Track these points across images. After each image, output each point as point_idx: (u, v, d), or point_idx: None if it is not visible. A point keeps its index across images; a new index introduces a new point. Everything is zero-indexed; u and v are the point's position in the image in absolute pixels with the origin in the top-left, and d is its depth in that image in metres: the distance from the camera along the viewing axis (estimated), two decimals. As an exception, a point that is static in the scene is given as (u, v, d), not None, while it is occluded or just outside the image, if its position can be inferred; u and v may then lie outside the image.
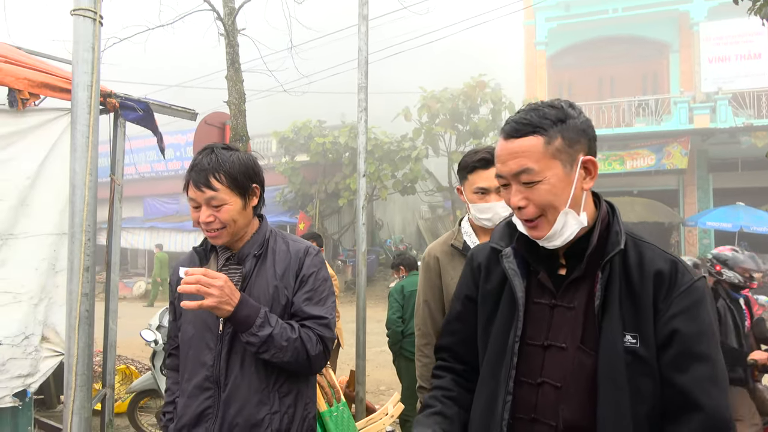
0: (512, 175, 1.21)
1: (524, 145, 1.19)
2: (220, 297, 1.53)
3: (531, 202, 1.20)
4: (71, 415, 2.13)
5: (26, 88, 3.03)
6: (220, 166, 1.66)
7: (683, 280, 1.18)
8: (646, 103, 16.65)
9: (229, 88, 6.04)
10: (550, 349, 1.24)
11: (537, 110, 1.21)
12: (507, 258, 1.31)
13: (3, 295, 2.95)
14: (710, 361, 1.14)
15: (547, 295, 1.27)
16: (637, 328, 1.17)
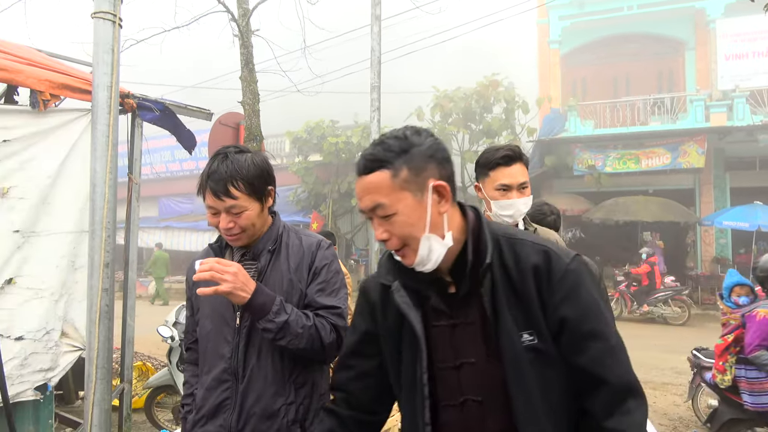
0: (369, 210, 1.22)
1: (373, 181, 1.20)
2: (234, 283, 1.57)
3: (392, 235, 1.22)
4: (92, 407, 2.19)
5: (47, 90, 3.10)
6: (238, 173, 1.66)
7: (558, 268, 1.22)
8: (662, 101, 16.47)
9: (244, 89, 6.11)
10: (462, 367, 1.26)
11: (382, 143, 1.22)
12: (398, 292, 1.30)
13: (25, 291, 3.03)
14: (601, 336, 1.21)
15: (444, 316, 1.28)
16: (531, 325, 1.21)
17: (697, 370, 5.69)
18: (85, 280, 3.20)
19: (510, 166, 2.15)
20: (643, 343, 10.06)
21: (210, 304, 1.78)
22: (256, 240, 1.77)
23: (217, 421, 1.71)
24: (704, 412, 5.67)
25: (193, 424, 1.76)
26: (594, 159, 16.04)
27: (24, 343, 2.98)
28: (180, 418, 1.92)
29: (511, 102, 16.82)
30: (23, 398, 2.98)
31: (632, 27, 17.46)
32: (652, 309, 12.61)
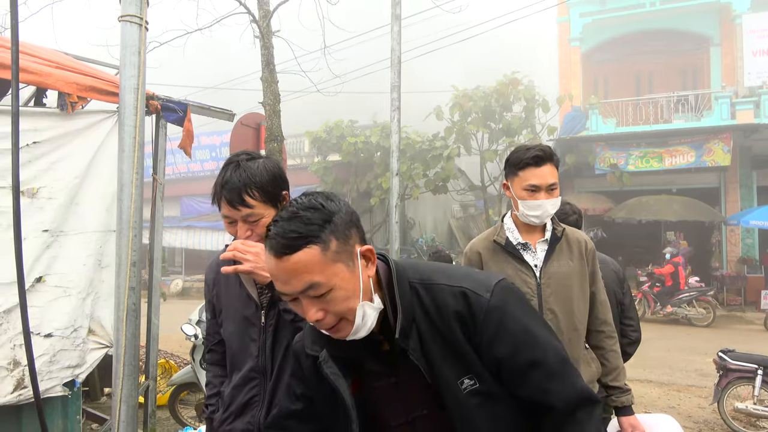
0: (299, 293, 1.11)
1: (302, 260, 1.08)
2: (255, 262, 1.59)
3: (328, 313, 1.13)
4: (119, 404, 2.23)
5: (75, 92, 3.17)
6: (251, 180, 1.65)
7: (478, 309, 1.17)
8: (686, 98, 16.18)
9: (264, 90, 6.16)
10: (415, 421, 1.24)
11: (297, 218, 1.11)
12: (326, 363, 1.24)
13: (54, 289, 3.10)
14: (538, 363, 1.18)
15: (384, 375, 1.25)
16: (469, 369, 1.18)
17: (723, 372, 5.60)
18: (111, 279, 3.28)
19: (540, 166, 2.14)
20: (667, 345, 9.92)
21: (233, 306, 1.80)
22: None
23: (245, 418, 1.73)
24: (730, 414, 5.57)
25: (221, 421, 1.79)
26: (616, 157, 15.82)
27: (53, 340, 3.05)
28: (204, 418, 1.95)
29: (531, 100, 16.67)
30: (52, 394, 3.05)
31: (655, 23, 17.18)
32: (675, 310, 12.41)
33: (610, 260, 3.05)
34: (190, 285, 20.21)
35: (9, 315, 2.91)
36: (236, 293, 1.79)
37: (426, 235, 21.16)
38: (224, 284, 1.84)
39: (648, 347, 8.63)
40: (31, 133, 3.08)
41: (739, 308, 14.17)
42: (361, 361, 1.25)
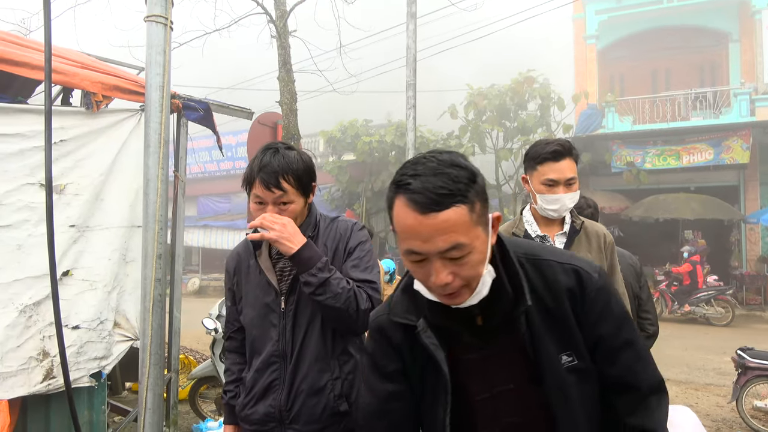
0: (438, 252, 1.06)
1: (450, 219, 1.04)
2: (281, 232, 1.66)
3: (457, 276, 1.09)
4: (146, 392, 2.30)
5: (100, 91, 3.26)
6: (289, 167, 1.73)
7: (590, 288, 1.21)
8: (704, 95, 15.99)
9: (281, 89, 6.24)
10: (499, 395, 1.24)
11: (444, 174, 1.06)
12: (424, 333, 1.20)
13: (80, 282, 3.19)
14: (631, 344, 1.23)
15: (475, 349, 1.23)
16: (569, 346, 1.20)
17: (742, 370, 5.55)
18: (136, 273, 3.37)
19: (558, 161, 2.17)
20: (685, 344, 9.83)
21: (253, 293, 1.86)
22: None
23: (267, 401, 1.79)
24: (749, 413, 5.52)
25: (243, 405, 1.85)
26: (633, 155, 15.68)
27: (80, 332, 3.14)
28: (223, 404, 2.01)
29: (547, 98, 16.58)
30: (79, 384, 3.14)
31: (672, 20, 16.99)
32: (693, 309, 12.28)
33: (627, 254, 3.06)
34: (207, 283, 20.43)
35: (38, 307, 3.01)
36: (256, 281, 1.84)
37: (441, 234, 21.11)
38: (245, 272, 1.90)
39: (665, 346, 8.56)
40: (59, 131, 3.17)
41: (758, 308, 13.97)
42: (457, 332, 1.22)
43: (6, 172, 2.95)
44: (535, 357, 1.19)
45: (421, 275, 1.12)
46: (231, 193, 22.48)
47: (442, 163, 1.08)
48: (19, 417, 3.00)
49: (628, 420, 1.21)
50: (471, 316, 1.21)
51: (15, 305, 2.94)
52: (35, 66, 2.95)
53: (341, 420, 1.78)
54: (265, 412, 1.79)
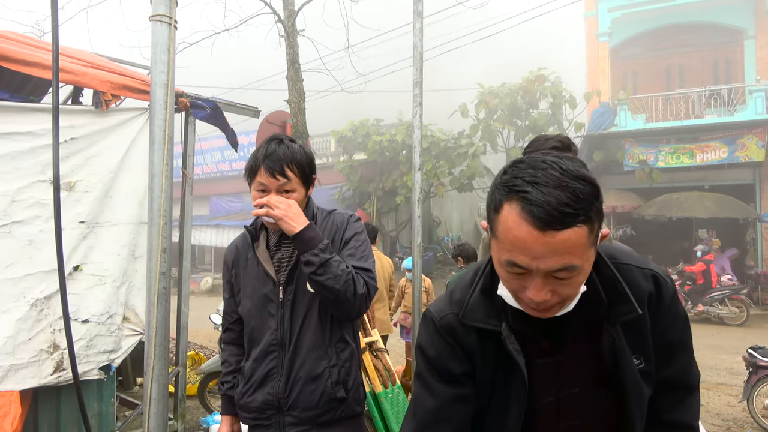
0: (547, 271, 0.99)
1: (570, 239, 0.95)
2: (285, 212, 1.72)
3: (556, 294, 1.03)
4: (151, 382, 2.35)
5: (109, 90, 3.33)
6: (293, 157, 1.81)
7: (667, 294, 1.19)
8: (718, 92, 15.81)
9: (290, 88, 6.30)
10: (562, 399, 1.22)
11: (569, 188, 0.96)
12: (509, 339, 1.16)
13: (90, 277, 3.26)
14: (687, 347, 1.25)
15: (548, 354, 1.20)
16: (640, 349, 1.19)
17: (753, 369, 5.49)
18: (144, 269, 3.43)
19: None
20: (697, 343, 9.67)
21: (251, 284, 1.90)
22: None
23: (265, 389, 1.83)
24: (760, 413, 5.47)
25: (242, 394, 1.89)
26: (645, 154, 15.55)
27: (89, 325, 3.21)
28: (221, 395, 2.05)
29: (558, 97, 16.51)
30: (89, 377, 3.22)
31: (686, 16, 16.83)
32: (707, 309, 12.15)
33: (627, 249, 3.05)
34: (219, 282, 20.56)
35: (49, 301, 3.08)
36: (254, 272, 1.89)
37: (452, 233, 21.13)
38: (243, 265, 1.94)
39: (676, 345, 8.48)
40: (69, 129, 3.24)
41: (774, 307, 13.79)
42: (534, 338, 1.19)
43: (18, 169, 3.02)
44: (614, 361, 1.16)
45: (516, 286, 1.06)
46: (243, 193, 22.64)
47: (567, 174, 0.97)
48: (30, 408, 3.08)
49: (668, 416, 1.24)
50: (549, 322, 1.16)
51: (26, 299, 3.01)
52: (46, 66, 3.02)
53: (338, 406, 1.82)
54: (264, 399, 1.83)
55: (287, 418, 1.81)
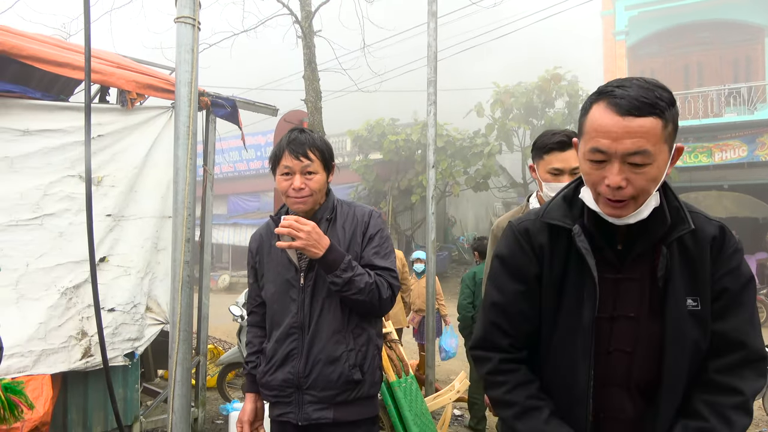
0: (624, 154, 1.16)
1: (645, 126, 1.14)
2: (307, 240, 1.80)
3: (631, 184, 1.18)
4: (175, 366, 2.48)
5: (134, 89, 3.48)
6: (314, 142, 1.95)
7: (730, 244, 1.29)
8: (738, 91, 15.60)
9: (306, 87, 6.42)
10: (618, 319, 1.30)
11: (651, 90, 1.17)
12: (578, 237, 1.29)
13: (116, 268, 3.41)
14: (750, 308, 1.29)
15: (610, 269, 1.30)
16: (697, 291, 1.27)
17: (769, 367, 5.48)
18: (167, 261, 3.57)
19: (564, 151, 2.26)
20: (714, 343, 9.66)
21: (274, 270, 2.01)
22: (314, 210, 1.99)
23: (286, 369, 1.94)
24: (775, 411, 5.45)
25: (264, 373, 2.00)
26: (663, 153, 15.40)
27: (115, 314, 3.36)
28: (245, 374, 2.16)
29: (575, 96, 16.45)
30: (114, 363, 3.36)
31: (704, 14, 16.64)
32: (725, 309, 12.02)
33: None
34: (237, 280, 20.84)
35: (77, 290, 3.23)
36: (278, 259, 2.00)
37: (467, 233, 21.13)
38: (266, 251, 2.05)
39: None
40: (97, 127, 3.39)
41: (794, 308, 13.57)
42: (601, 247, 1.31)
43: (49, 164, 3.18)
44: (664, 290, 1.27)
45: (596, 177, 1.22)
46: (260, 192, 22.89)
47: (649, 83, 1.19)
48: (60, 391, 3.23)
49: (717, 377, 1.26)
50: (614, 238, 1.31)
51: (57, 288, 3.17)
52: (76, 66, 3.17)
53: (354, 387, 1.92)
54: (284, 378, 1.94)
55: (306, 396, 1.91)
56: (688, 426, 1.25)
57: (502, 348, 1.39)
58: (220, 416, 4.94)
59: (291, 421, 1.94)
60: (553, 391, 1.35)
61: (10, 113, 3.06)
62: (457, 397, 4.11)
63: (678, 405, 1.28)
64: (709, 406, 1.25)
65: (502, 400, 1.37)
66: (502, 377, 1.38)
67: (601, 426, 1.31)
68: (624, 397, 1.30)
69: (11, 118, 3.07)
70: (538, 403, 1.33)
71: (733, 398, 1.24)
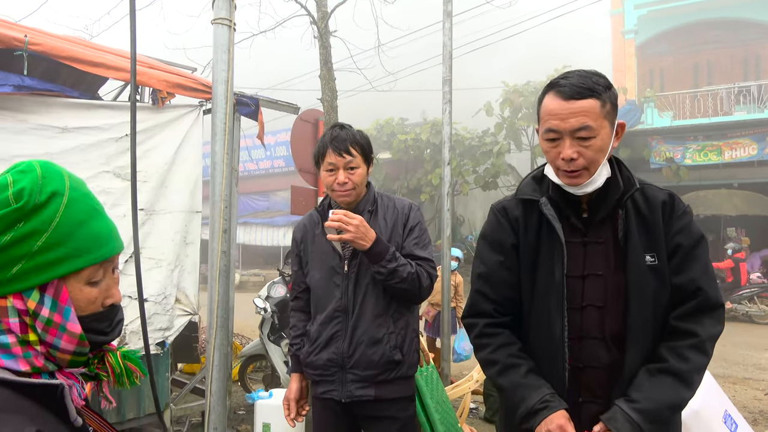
0: (571, 130, 1.40)
1: (585, 106, 1.39)
2: (356, 233, 1.92)
3: (581, 156, 1.41)
4: (213, 350, 2.60)
5: (165, 89, 3.60)
6: (355, 138, 2.08)
7: (679, 207, 1.51)
8: (748, 89, 15.61)
9: (322, 86, 6.54)
10: (588, 278, 1.49)
11: (587, 77, 1.42)
12: (545, 206, 1.52)
13: (147, 260, 3.54)
14: (703, 262, 1.48)
15: (578, 234, 1.51)
16: (654, 248, 1.47)
17: (781, 362, 5.55)
18: (195, 254, 3.71)
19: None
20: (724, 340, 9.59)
21: (319, 258, 2.13)
22: (356, 203, 2.11)
23: (330, 349, 2.06)
24: (787, 405, 5.52)
25: (308, 353, 2.12)
26: (672, 151, 15.44)
27: (147, 305, 3.48)
28: (290, 355, 2.28)
29: (583, 95, 16.45)
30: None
31: (713, 12, 16.64)
32: (735, 306, 12.04)
33: None
34: (247, 279, 20.99)
35: (113, 281, 3.36)
36: (323, 247, 2.12)
37: (476, 231, 21.19)
38: (311, 240, 2.18)
39: (703, 340, 8.49)
40: (128, 124, 3.52)
41: (805, 307, 13.56)
42: (567, 216, 1.52)
43: (86, 161, 3.31)
44: (625, 249, 1.46)
45: (554, 154, 1.45)
46: (269, 192, 23.07)
47: (588, 72, 1.45)
48: (96, 378, 3.35)
49: (675, 322, 1.44)
50: (579, 208, 1.53)
51: (94, 279, 3.29)
52: (111, 66, 3.31)
53: (395, 367, 2.05)
54: (329, 358, 2.06)
55: (349, 375, 2.04)
56: (650, 368, 1.43)
57: (487, 313, 1.60)
58: (242, 407, 5.07)
59: (334, 398, 2.06)
60: (536, 344, 1.54)
61: (50, 111, 3.20)
62: (475, 387, 4.21)
63: (645, 352, 1.45)
64: (669, 349, 1.43)
65: (487, 360, 1.58)
66: (486, 339, 1.59)
67: (579, 373, 1.49)
68: (599, 348, 1.48)
69: (51, 116, 3.21)
70: (518, 361, 1.52)
71: (689, 340, 1.42)
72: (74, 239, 0.83)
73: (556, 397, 1.45)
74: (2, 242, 0.77)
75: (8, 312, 0.79)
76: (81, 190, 0.87)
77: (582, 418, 1.46)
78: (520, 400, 1.47)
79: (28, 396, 0.77)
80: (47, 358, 0.82)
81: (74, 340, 0.83)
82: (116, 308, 0.91)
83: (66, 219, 0.82)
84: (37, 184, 0.81)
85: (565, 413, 1.43)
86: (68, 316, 0.82)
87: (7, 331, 0.79)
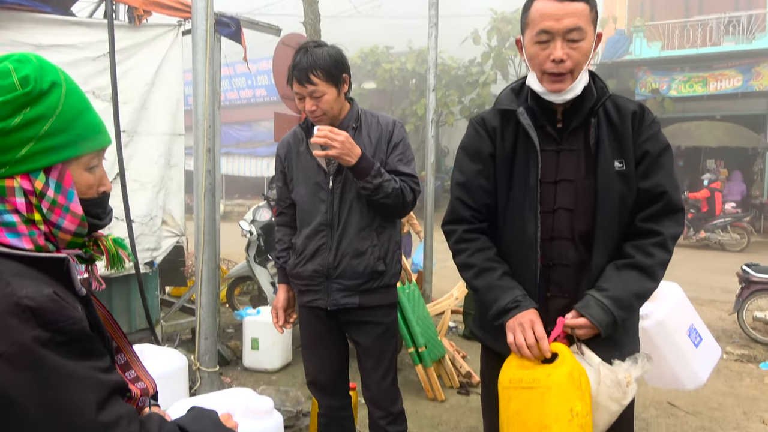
0: (564, 31, 1.46)
1: (578, 8, 1.46)
2: (342, 149, 1.95)
3: (570, 58, 1.47)
4: (201, 266, 2.70)
5: (141, 6, 3.49)
6: (316, 63, 2.00)
7: (648, 117, 1.59)
8: (738, 20, 15.38)
9: (305, 9, 6.34)
10: (560, 183, 1.59)
11: None
12: (522, 116, 1.58)
13: (132, 182, 3.56)
14: (668, 168, 1.58)
15: (552, 142, 1.59)
16: (623, 155, 1.56)
17: (745, 284, 5.79)
18: (179, 176, 3.73)
19: None
20: (696, 266, 10.09)
21: (303, 173, 2.18)
22: (338, 120, 2.13)
23: (316, 261, 2.15)
24: (749, 324, 5.82)
25: (294, 265, 2.21)
26: (658, 82, 15.37)
27: (135, 225, 3.55)
28: (277, 267, 2.37)
29: (573, 23, 16.09)
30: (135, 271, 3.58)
31: (710, -63, 16.08)
32: (709, 235, 12.41)
33: None
34: (231, 209, 21.04)
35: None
36: (307, 164, 2.16)
37: (460, 163, 21.22)
38: (295, 157, 2.22)
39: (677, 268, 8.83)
40: (105, 44, 3.43)
41: (775, 236, 14.06)
42: (543, 126, 1.60)
43: (63, 80, 3.24)
44: (596, 155, 1.55)
45: (543, 56, 1.50)
46: (252, 122, 22.67)
47: None
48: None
49: (640, 223, 1.56)
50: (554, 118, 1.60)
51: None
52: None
53: (378, 277, 2.15)
54: (314, 269, 2.15)
55: (334, 285, 2.14)
56: (617, 263, 1.56)
57: (465, 219, 1.68)
58: (230, 326, 5.27)
59: (320, 306, 2.17)
60: (510, 245, 1.65)
61: (22, 27, 3.10)
62: (455, 305, 4.41)
63: (611, 251, 1.57)
64: (634, 246, 1.55)
65: (464, 263, 1.67)
66: (464, 245, 1.68)
67: (549, 271, 1.61)
68: (569, 248, 1.59)
69: (24, 32, 3.11)
70: (494, 264, 1.63)
71: (654, 238, 1.54)
72: (75, 127, 0.89)
73: (527, 298, 1.57)
74: (12, 124, 0.82)
75: (15, 192, 0.85)
76: (74, 83, 0.92)
77: (549, 311, 1.59)
78: (493, 300, 1.58)
79: (37, 268, 0.84)
80: (47, 238, 0.89)
81: (76, 221, 0.90)
82: (108, 196, 0.97)
83: (67, 107, 0.88)
84: (39, 73, 0.85)
85: (534, 311, 1.54)
86: (71, 197, 0.89)
87: (12, 211, 0.85)
